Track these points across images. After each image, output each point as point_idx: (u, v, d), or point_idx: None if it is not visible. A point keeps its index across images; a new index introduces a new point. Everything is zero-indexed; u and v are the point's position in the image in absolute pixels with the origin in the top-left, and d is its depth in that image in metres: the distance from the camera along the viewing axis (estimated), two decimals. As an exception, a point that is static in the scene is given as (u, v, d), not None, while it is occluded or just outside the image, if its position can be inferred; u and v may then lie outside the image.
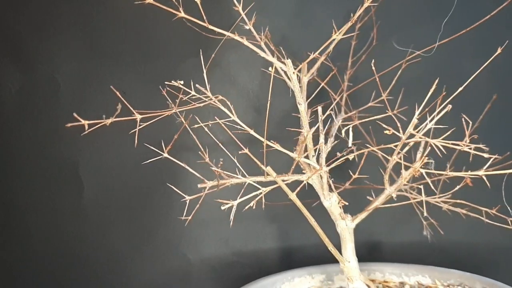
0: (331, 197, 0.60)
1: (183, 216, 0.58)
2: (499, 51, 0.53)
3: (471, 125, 0.53)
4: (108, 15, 0.80)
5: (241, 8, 0.54)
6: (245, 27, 0.55)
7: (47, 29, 0.79)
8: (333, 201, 0.60)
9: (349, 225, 0.61)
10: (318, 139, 0.58)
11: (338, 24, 0.56)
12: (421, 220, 0.73)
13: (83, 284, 0.84)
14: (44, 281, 0.84)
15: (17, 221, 0.83)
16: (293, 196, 0.54)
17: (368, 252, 0.86)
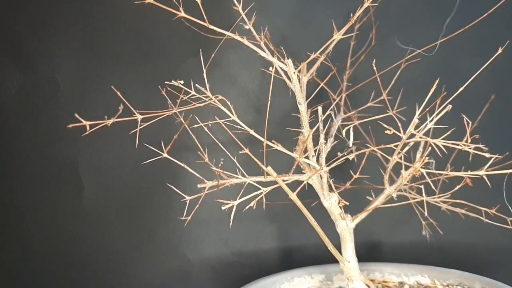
0: (331, 197, 0.60)
1: (183, 216, 0.58)
2: (500, 51, 0.53)
3: (470, 125, 0.53)
4: (108, 15, 0.80)
5: (241, 8, 0.54)
6: (245, 27, 0.55)
7: (47, 29, 0.79)
8: (333, 201, 0.60)
9: (349, 225, 0.62)
10: (318, 139, 0.58)
11: (337, 24, 0.56)
12: (421, 220, 0.73)
13: (83, 284, 0.84)
14: (44, 281, 0.84)
15: (17, 221, 0.83)
16: (293, 196, 0.54)
17: (367, 252, 0.86)
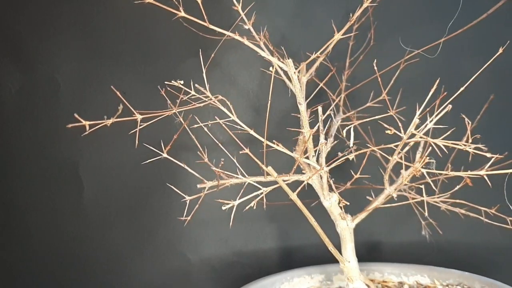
0: (331, 197, 0.60)
1: (183, 216, 0.58)
2: (501, 51, 0.53)
3: (470, 125, 0.53)
4: (108, 15, 0.80)
5: (240, 8, 0.54)
6: (244, 27, 0.55)
7: (47, 29, 0.79)
8: (333, 201, 0.60)
9: (349, 225, 0.62)
10: (318, 139, 0.58)
11: (337, 24, 0.56)
12: (420, 220, 0.73)
13: (83, 284, 0.84)
14: (44, 281, 0.84)
15: (17, 221, 0.83)
16: (293, 196, 0.54)
17: (367, 252, 0.86)
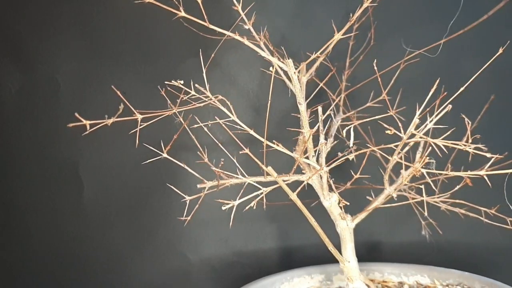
0: (331, 197, 0.60)
1: (183, 216, 0.58)
2: (501, 51, 0.53)
3: (470, 125, 0.53)
4: (108, 15, 0.80)
5: (240, 8, 0.54)
6: (244, 27, 0.55)
7: (47, 29, 0.79)
8: (333, 201, 0.60)
9: (349, 225, 0.62)
10: (318, 139, 0.58)
11: (337, 24, 0.56)
12: (420, 220, 0.73)
13: (83, 284, 0.84)
14: (44, 281, 0.84)
15: (17, 221, 0.83)
16: (293, 196, 0.54)
17: (367, 252, 0.86)
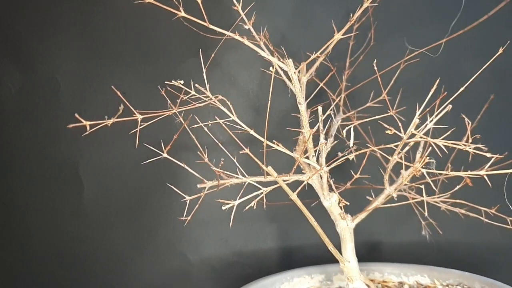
0: (331, 197, 0.60)
1: (183, 216, 0.58)
2: (501, 51, 0.53)
3: (470, 125, 0.53)
4: (108, 15, 0.80)
5: (240, 8, 0.54)
6: (244, 27, 0.55)
7: (47, 29, 0.79)
8: (333, 201, 0.60)
9: (349, 225, 0.62)
10: (318, 139, 0.58)
11: (337, 24, 0.56)
12: (420, 220, 0.73)
13: (83, 284, 0.84)
14: (44, 281, 0.84)
15: (17, 221, 0.83)
16: (294, 196, 0.54)
17: (367, 252, 0.86)
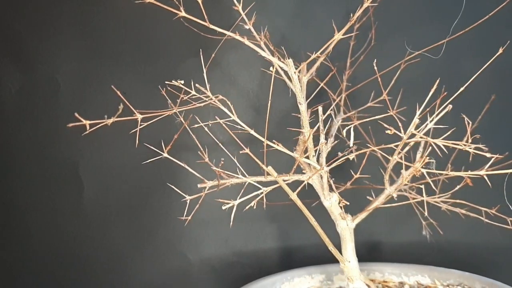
0: (331, 197, 0.60)
1: (183, 216, 0.58)
2: (501, 51, 0.53)
3: (470, 125, 0.53)
4: (108, 15, 0.80)
5: (241, 8, 0.54)
6: (245, 27, 0.55)
7: (47, 29, 0.79)
8: (333, 201, 0.60)
9: (349, 225, 0.62)
10: (318, 139, 0.58)
11: (337, 24, 0.56)
12: (421, 220, 0.73)
13: (83, 284, 0.84)
14: (44, 281, 0.84)
15: (17, 221, 0.83)
16: (294, 196, 0.54)
17: (367, 252, 0.86)
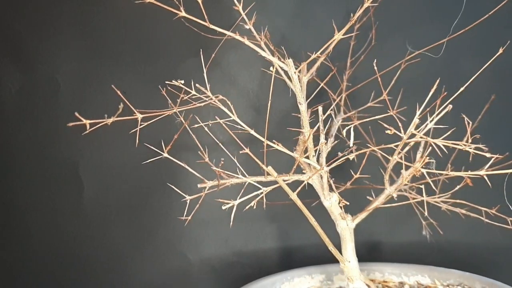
0: (331, 197, 0.60)
1: (183, 216, 0.58)
2: (501, 51, 0.53)
3: (470, 125, 0.53)
4: (108, 15, 0.80)
5: (241, 8, 0.54)
6: (245, 27, 0.55)
7: (47, 29, 0.79)
8: (333, 201, 0.60)
9: (349, 225, 0.62)
10: (318, 139, 0.58)
11: (337, 24, 0.56)
12: (421, 220, 0.73)
13: (83, 284, 0.84)
14: (44, 281, 0.84)
15: (17, 221, 0.83)
16: (294, 196, 0.54)
17: (367, 252, 0.86)
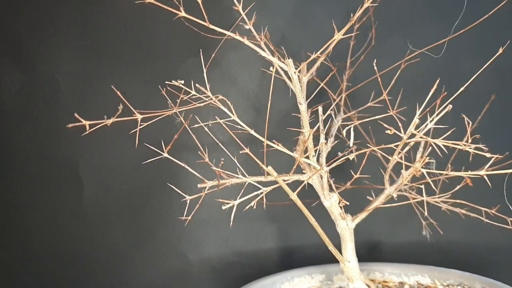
0: (331, 197, 0.60)
1: (183, 216, 0.58)
2: (501, 51, 0.53)
3: (470, 125, 0.53)
4: (108, 15, 0.80)
5: (241, 8, 0.54)
6: (245, 27, 0.55)
7: (47, 29, 0.79)
8: (333, 201, 0.60)
9: (349, 225, 0.62)
10: (318, 139, 0.58)
11: (337, 24, 0.56)
12: (421, 220, 0.73)
13: (83, 284, 0.84)
14: (44, 281, 0.84)
15: (17, 221, 0.83)
16: (294, 196, 0.54)
17: (367, 252, 0.86)
